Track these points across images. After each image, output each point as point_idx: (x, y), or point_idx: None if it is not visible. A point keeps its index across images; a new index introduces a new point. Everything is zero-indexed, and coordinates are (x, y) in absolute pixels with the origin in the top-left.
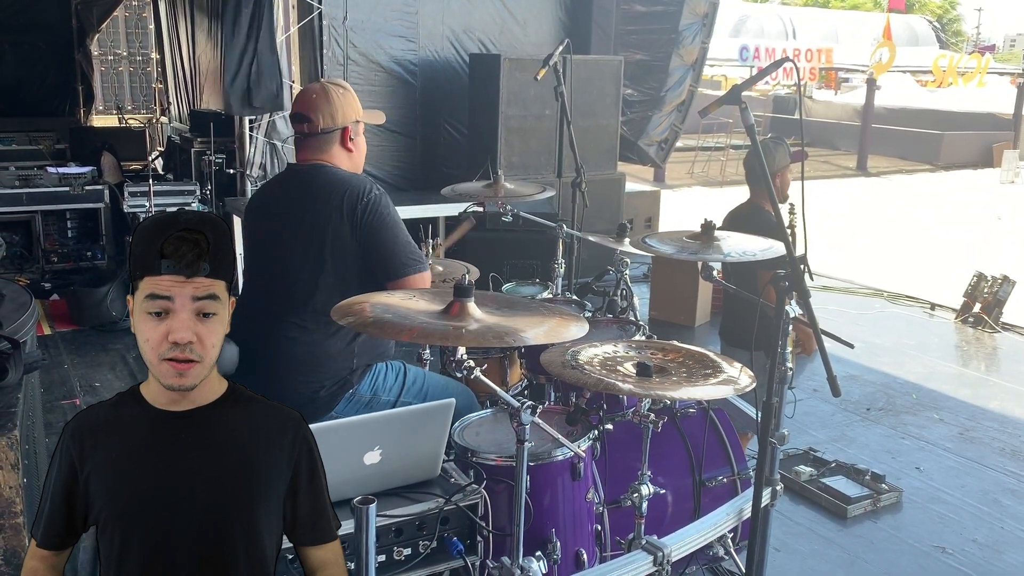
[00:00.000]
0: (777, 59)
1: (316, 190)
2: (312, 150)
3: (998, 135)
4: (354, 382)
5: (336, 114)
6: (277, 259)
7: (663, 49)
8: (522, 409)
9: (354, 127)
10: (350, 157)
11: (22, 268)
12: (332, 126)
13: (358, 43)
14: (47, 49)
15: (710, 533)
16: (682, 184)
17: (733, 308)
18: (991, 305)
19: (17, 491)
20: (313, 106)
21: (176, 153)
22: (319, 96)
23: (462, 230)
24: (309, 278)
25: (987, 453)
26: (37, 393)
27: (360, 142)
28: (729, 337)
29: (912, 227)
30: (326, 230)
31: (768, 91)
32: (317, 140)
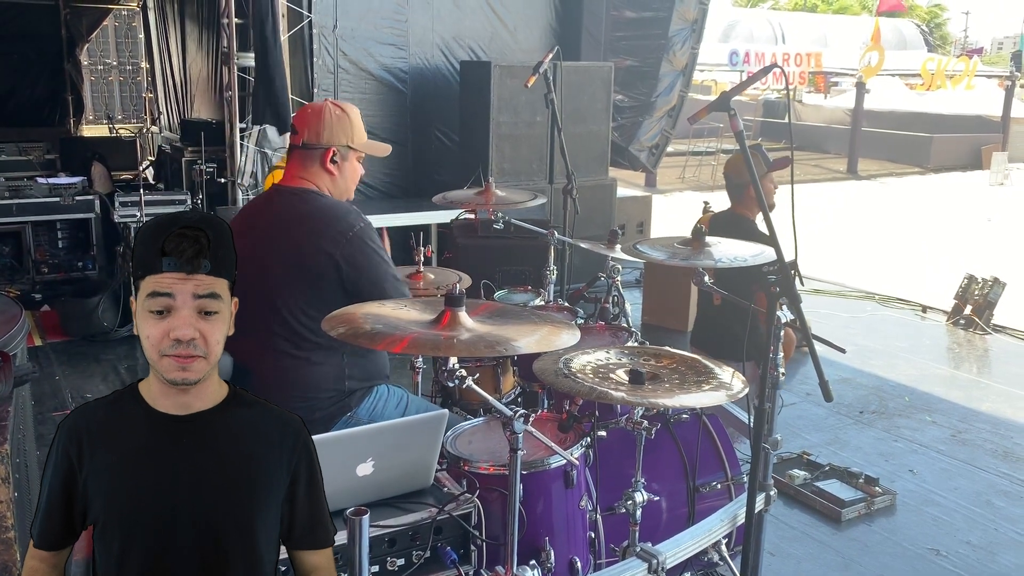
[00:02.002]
0: (765, 65)
1: (301, 216)
2: (295, 164)
3: (987, 137)
4: (352, 405)
5: (322, 133)
6: (259, 280)
7: (653, 55)
8: (515, 418)
9: (341, 150)
10: (332, 180)
11: (12, 279)
12: (315, 143)
13: (348, 51)
14: (36, 59)
15: (705, 539)
16: (673, 189)
17: (715, 319)
18: (982, 307)
19: (8, 505)
20: (304, 119)
21: (167, 163)
22: (313, 112)
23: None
24: (292, 303)
25: (980, 455)
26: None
27: (347, 168)
28: (708, 348)
29: (903, 230)
30: (312, 257)
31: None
32: (299, 154)
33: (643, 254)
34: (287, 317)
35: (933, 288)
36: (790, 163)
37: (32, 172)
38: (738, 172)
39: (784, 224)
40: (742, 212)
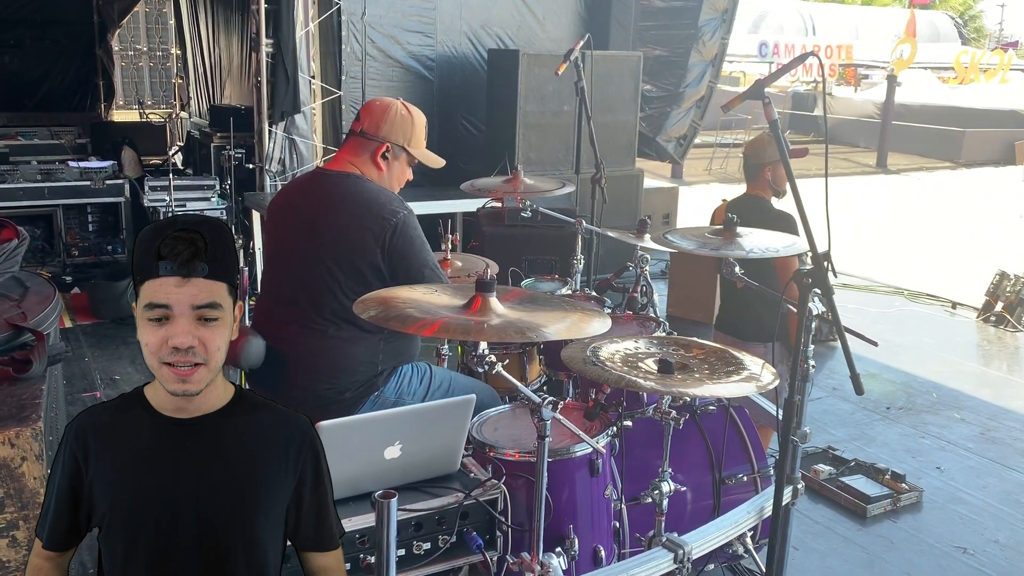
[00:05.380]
0: (801, 54)
1: (342, 199)
2: (349, 149)
3: (1021, 132)
4: (379, 384)
5: (382, 126)
6: (296, 261)
7: (682, 45)
8: (543, 405)
9: (395, 149)
10: (379, 175)
11: (43, 261)
12: (373, 134)
13: (376, 39)
14: (68, 44)
15: (731, 531)
16: (700, 181)
17: (738, 302)
18: (1014, 304)
19: (41, 482)
20: (370, 109)
21: (196, 148)
22: (381, 105)
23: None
24: (327, 285)
25: (1009, 453)
26: (60, 385)
27: (396, 167)
28: (733, 331)
29: (933, 225)
30: (350, 241)
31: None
32: (355, 140)
33: (673, 244)
34: (327, 296)
35: (963, 284)
36: (807, 153)
37: (63, 156)
38: (756, 153)
39: (817, 215)
40: (757, 193)
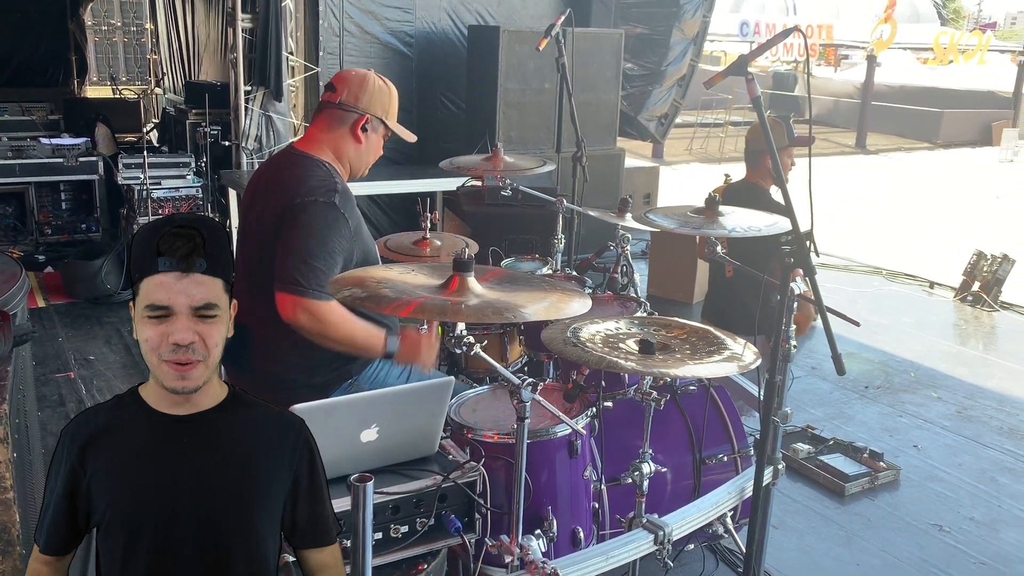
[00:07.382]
0: (785, 29)
1: (280, 179)
2: (323, 122)
3: (998, 113)
4: (353, 373)
5: (361, 97)
6: (253, 244)
7: (664, 23)
8: (522, 386)
9: (373, 121)
10: (356, 149)
11: (15, 240)
12: (352, 105)
13: (353, 14)
14: (40, 18)
15: (711, 512)
16: (680, 160)
17: (726, 292)
18: (990, 284)
19: (7, 466)
20: (346, 80)
21: (171, 125)
22: (357, 75)
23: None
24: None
25: (985, 432)
26: (28, 366)
27: (373, 140)
28: (719, 321)
29: (911, 205)
30: (268, 217)
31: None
32: (331, 112)
33: (655, 223)
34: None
35: (941, 264)
36: (812, 142)
37: (35, 132)
38: (758, 140)
39: (800, 195)
40: (756, 181)
